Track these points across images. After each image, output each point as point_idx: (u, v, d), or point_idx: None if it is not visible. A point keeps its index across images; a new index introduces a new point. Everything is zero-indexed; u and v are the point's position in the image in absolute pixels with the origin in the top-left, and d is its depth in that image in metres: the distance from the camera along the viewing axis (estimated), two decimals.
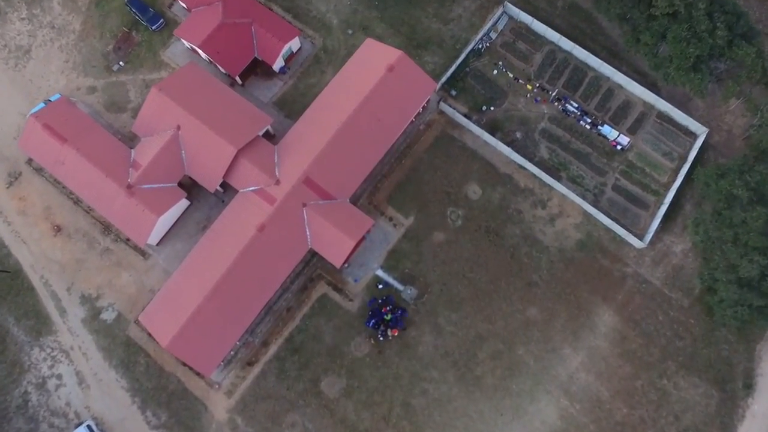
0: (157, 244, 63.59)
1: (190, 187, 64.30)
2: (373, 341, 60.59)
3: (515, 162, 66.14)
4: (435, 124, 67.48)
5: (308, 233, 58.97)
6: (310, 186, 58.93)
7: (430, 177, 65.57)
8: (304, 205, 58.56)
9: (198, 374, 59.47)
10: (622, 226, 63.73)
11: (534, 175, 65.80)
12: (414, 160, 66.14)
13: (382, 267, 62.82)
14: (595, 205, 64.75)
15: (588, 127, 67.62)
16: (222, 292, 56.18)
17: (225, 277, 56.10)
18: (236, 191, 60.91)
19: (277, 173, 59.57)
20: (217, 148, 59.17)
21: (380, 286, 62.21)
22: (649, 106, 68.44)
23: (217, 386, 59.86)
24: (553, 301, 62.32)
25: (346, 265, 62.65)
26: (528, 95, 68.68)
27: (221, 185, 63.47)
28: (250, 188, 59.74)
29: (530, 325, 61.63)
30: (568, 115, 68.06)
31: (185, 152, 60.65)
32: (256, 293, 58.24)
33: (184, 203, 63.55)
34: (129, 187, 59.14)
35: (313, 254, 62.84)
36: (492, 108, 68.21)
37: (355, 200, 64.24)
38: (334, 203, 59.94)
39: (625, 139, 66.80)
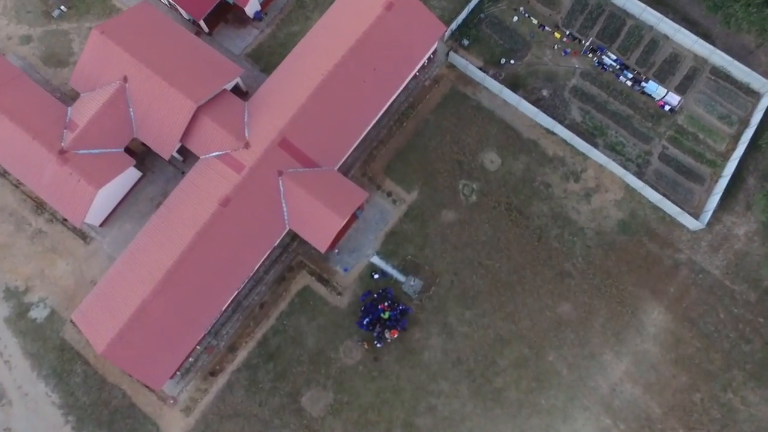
0: (101, 225, 51.87)
1: (143, 155, 52.76)
2: (367, 345, 49.00)
3: (541, 125, 54.36)
4: (443, 80, 55.61)
5: (285, 209, 47.07)
6: (287, 150, 47.01)
7: (437, 143, 53.74)
8: (281, 173, 46.66)
9: (148, 386, 47.52)
10: (674, 203, 51.92)
11: (565, 141, 54.02)
12: (418, 123, 54.31)
13: (378, 253, 51.10)
14: (639, 177, 52.93)
15: (629, 83, 55.74)
16: (175, 284, 44.44)
17: (178, 264, 44.36)
18: (198, 159, 48.94)
19: (246, 134, 47.64)
20: (172, 103, 47.27)
21: (376, 277, 50.49)
22: (701, 61, 56.66)
23: (171, 401, 48.10)
24: (590, 295, 50.66)
25: (335, 250, 50.88)
26: (555, 46, 56.84)
27: (180, 151, 51.78)
28: (214, 153, 47.73)
29: (562, 324, 49.98)
30: (605, 70, 56.19)
31: (134, 110, 48.72)
32: (220, 285, 46.43)
33: (133, 174, 51.73)
34: (62, 152, 47.18)
35: (292, 236, 51.05)
36: (512, 61, 56.37)
37: (345, 171, 52.50)
38: (317, 171, 47.97)
39: (674, 98, 54.91)
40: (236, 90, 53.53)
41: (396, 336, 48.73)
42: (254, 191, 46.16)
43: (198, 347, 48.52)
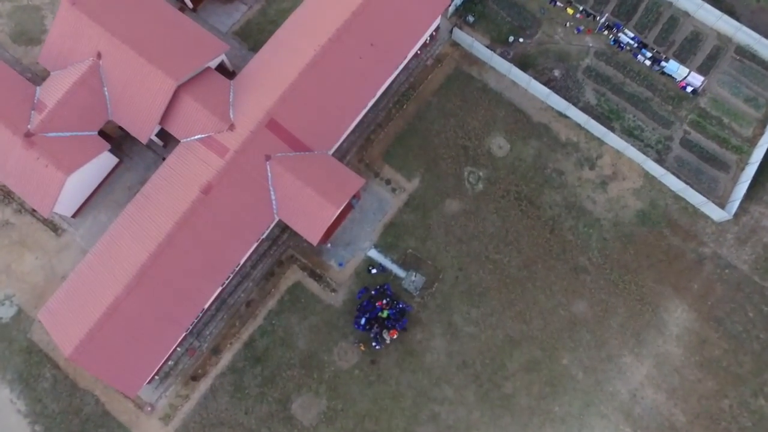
0: (74, 216, 47.74)
1: (120, 139, 48.77)
2: (363, 347, 44.92)
3: (553, 108, 50.30)
4: (447, 59, 51.44)
5: (274, 197, 42.86)
6: (276, 132, 42.84)
7: (440, 127, 49.59)
8: (268, 157, 42.46)
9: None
10: (698, 192, 47.75)
11: (578, 125, 49.96)
12: (419, 105, 50.18)
13: (376, 246, 47.01)
14: (659, 164, 48.74)
15: (648, 63, 51.55)
16: (151, 280, 40.32)
17: (155, 258, 40.25)
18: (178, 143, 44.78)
19: (231, 115, 43.41)
20: (150, 82, 43.19)
21: (374, 271, 46.42)
22: (725, 39, 52.53)
23: (149, 408, 43.92)
24: (607, 292, 46.57)
25: (327, 244, 46.66)
26: (568, 23, 52.69)
27: (160, 136, 47.64)
28: (195, 137, 43.49)
29: (578, 324, 45.87)
30: (622, 48, 52.06)
31: (108, 89, 44.59)
32: (202, 281, 42.21)
33: (109, 160, 47.64)
34: (28, 135, 43.07)
35: (283, 228, 46.90)
36: (521, 39, 52.23)
37: (340, 157, 48.44)
38: (309, 156, 43.73)
39: (697, 79, 50.72)
40: (222, 70, 49.40)
41: (395, 337, 44.68)
42: (239, 177, 41.98)
43: (178, 349, 44.40)
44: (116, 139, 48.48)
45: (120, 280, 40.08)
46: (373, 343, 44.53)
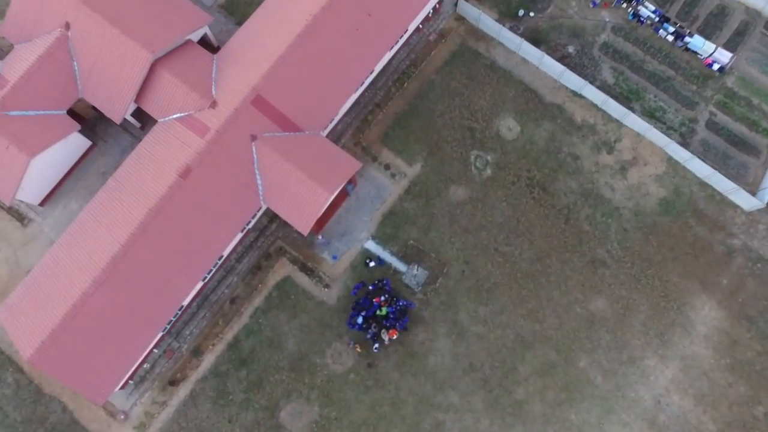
0: (41, 204, 43.90)
1: (94, 120, 45.01)
2: (359, 349, 41.33)
3: (567, 87, 46.47)
4: (451, 34, 47.56)
5: (260, 182, 38.92)
6: (262, 109, 38.90)
7: (444, 107, 45.81)
8: (254, 138, 38.45)
9: None
10: (727, 177, 43.83)
11: (595, 106, 46.09)
12: (421, 83, 46.37)
13: (374, 237, 43.34)
14: (684, 148, 44.75)
15: (670, 39, 47.55)
16: (122, 273, 36.51)
17: (127, 248, 36.44)
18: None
19: (213, 92, 39.41)
20: (124, 55, 39.31)
21: (371, 265, 42.70)
22: (753, 13, 48.78)
23: (122, 417, 40.12)
24: (628, 287, 42.86)
25: (318, 236, 43.01)
26: None
27: (136, 115, 43.62)
28: (174, 116, 39.42)
29: (596, 323, 42.18)
30: (642, 23, 48.04)
31: (78, 63, 40.72)
32: (180, 275, 38.39)
33: (80, 142, 43.81)
34: None
35: (271, 217, 43.00)
36: (531, 14, 48.32)
37: (335, 139, 44.68)
38: (300, 136, 39.69)
39: (725, 55, 46.79)
40: (207, 46, 45.38)
41: (395, 337, 40.98)
42: (221, 159, 38.08)
43: (155, 351, 40.49)
44: (89, 120, 44.78)
45: (88, 273, 36.30)
46: (374, 345, 40.84)
